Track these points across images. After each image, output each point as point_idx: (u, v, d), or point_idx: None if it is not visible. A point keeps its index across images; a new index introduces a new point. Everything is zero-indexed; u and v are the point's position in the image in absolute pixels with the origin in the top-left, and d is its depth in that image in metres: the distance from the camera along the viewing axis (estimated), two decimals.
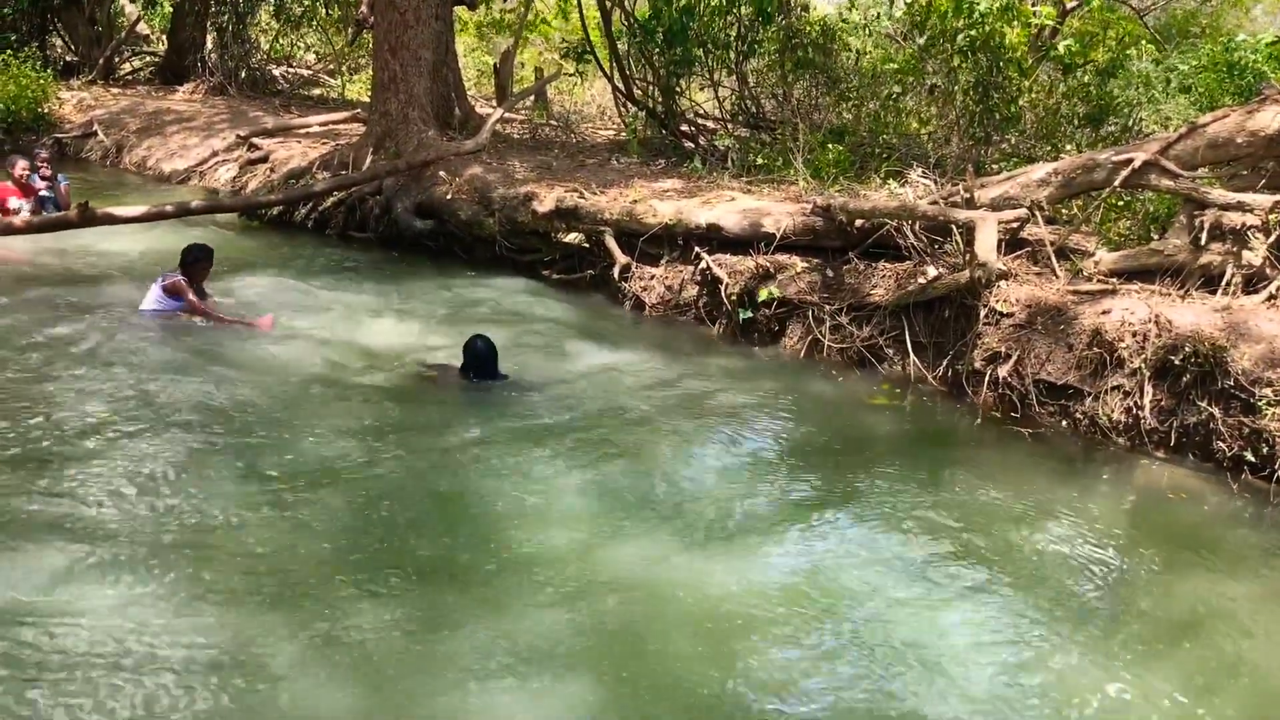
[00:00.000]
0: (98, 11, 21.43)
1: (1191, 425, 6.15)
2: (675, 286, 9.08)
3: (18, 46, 18.79)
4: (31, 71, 17.51)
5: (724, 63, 13.24)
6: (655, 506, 5.23)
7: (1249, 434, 5.87)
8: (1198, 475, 6.02)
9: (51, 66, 19.74)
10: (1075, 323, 6.75)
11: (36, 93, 17.32)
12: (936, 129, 11.37)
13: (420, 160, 10.99)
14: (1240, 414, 5.95)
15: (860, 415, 6.99)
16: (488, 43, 26.61)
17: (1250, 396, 5.88)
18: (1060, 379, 6.66)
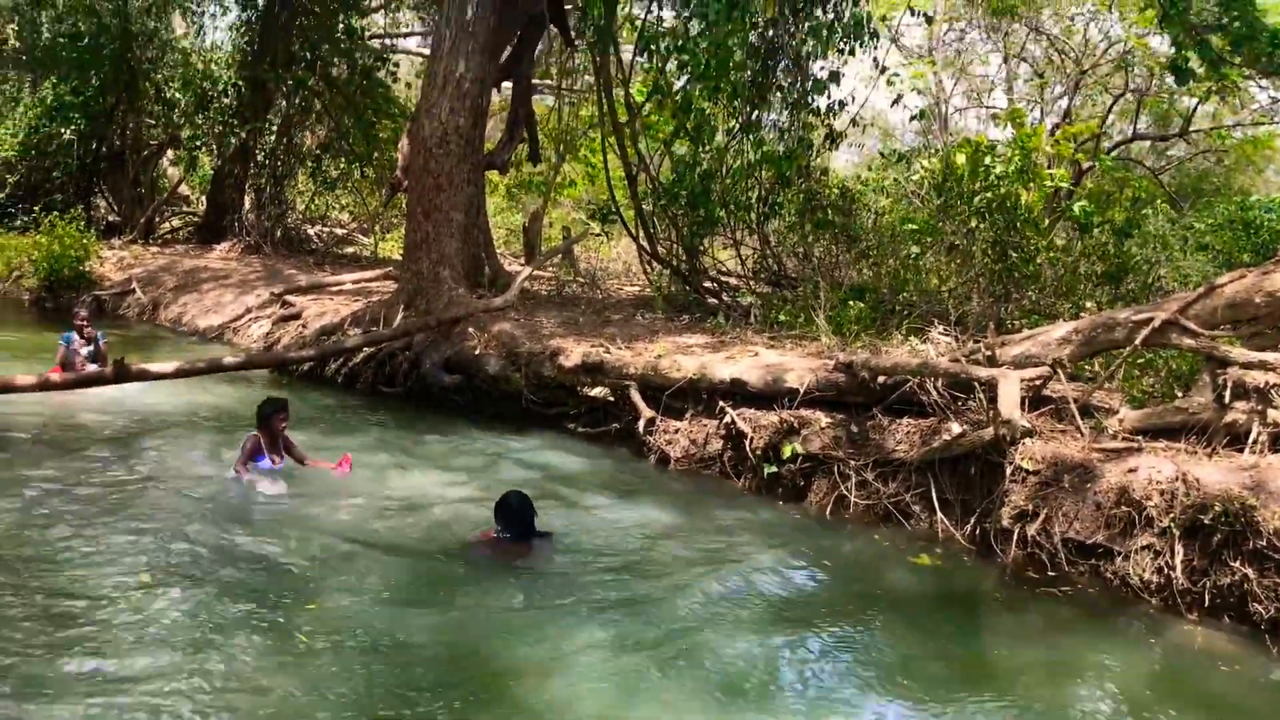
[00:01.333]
0: (141, 173, 22.33)
1: (1225, 586, 6.04)
2: (700, 440, 9.12)
3: (64, 208, 19.54)
4: (75, 231, 18.17)
5: (746, 223, 13.59)
6: (683, 669, 5.14)
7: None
8: (1234, 638, 5.87)
9: (94, 226, 20.50)
10: (1101, 481, 6.71)
11: (79, 251, 17.95)
12: (956, 286, 11.56)
13: (450, 317, 11.23)
14: (1275, 575, 5.84)
15: (887, 574, 6.91)
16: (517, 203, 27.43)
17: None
18: (1089, 538, 6.59)
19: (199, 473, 7.96)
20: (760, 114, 12.68)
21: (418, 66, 26.08)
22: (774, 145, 12.30)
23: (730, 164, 13.06)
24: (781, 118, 12.88)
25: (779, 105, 12.81)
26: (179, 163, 23.11)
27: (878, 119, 28.33)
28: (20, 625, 5.02)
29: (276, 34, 19.90)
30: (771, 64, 12.41)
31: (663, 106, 14.08)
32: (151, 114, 22.10)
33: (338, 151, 21.75)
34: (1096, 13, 24.96)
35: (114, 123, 21.78)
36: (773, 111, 13.14)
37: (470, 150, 12.63)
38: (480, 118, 12.99)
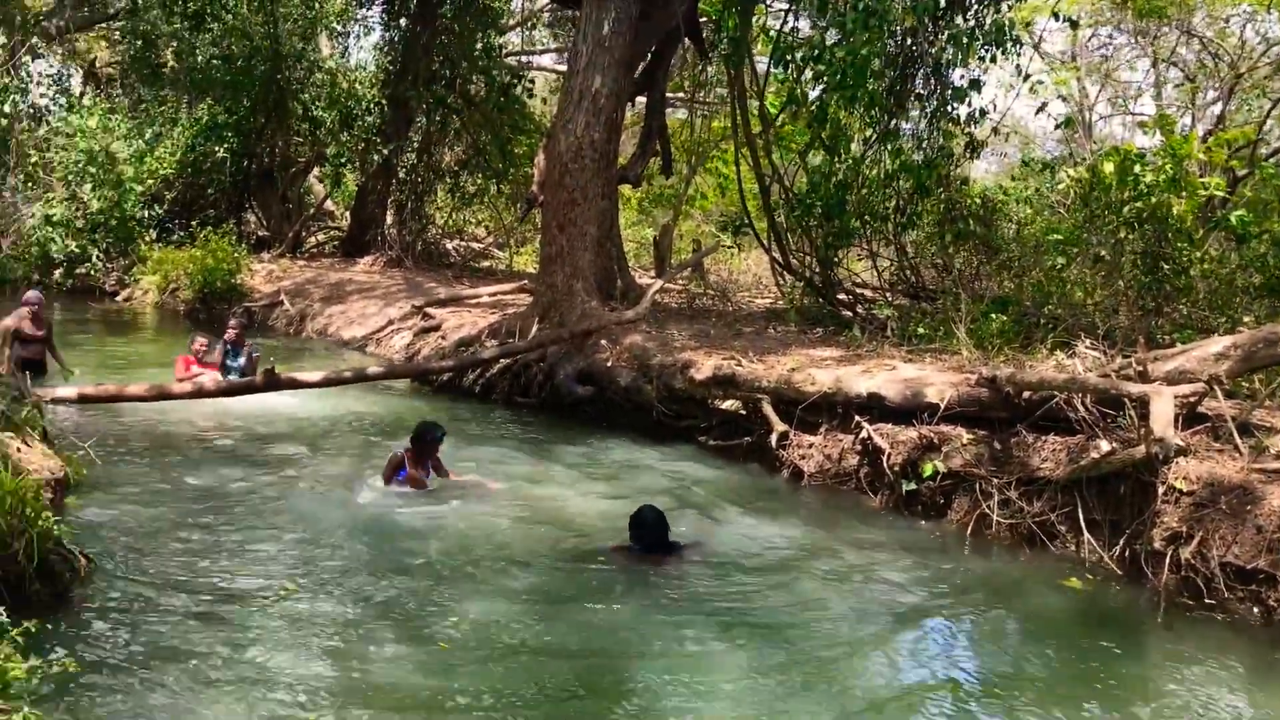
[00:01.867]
0: (290, 190, 23.22)
1: None
2: (834, 455, 8.99)
3: (217, 223, 20.46)
4: (227, 246, 19.00)
5: (882, 234, 13.37)
6: (816, 688, 5.05)
7: None
8: None
9: (245, 241, 21.41)
10: (1263, 503, 6.36)
11: (231, 265, 18.76)
12: (1103, 299, 11.14)
13: (583, 329, 11.35)
14: None
15: (1033, 596, 6.67)
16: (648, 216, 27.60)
17: None
18: (1249, 563, 6.25)
19: (344, 479, 8.20)
20: (898, 123, 12.45)
21: (552, 83, 26.56)
22: (912, 155, 12.07)
23: (867, 174, 12.86)
24: (920, 127, 12.63)
25: (917, 114, 12.56)
26: (325, 179, 23.95)
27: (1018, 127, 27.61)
28: (176, 624, 5.23)
29: (418, 53, 20.45)
30: (910, 72, 12.19)
31: (797, 117, 13.98)
32: (299, 133, 22.96)
33: (475, 167, 22.23)
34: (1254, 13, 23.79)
35: (264, 141, 22.71)
36: (911, 120, 12.91)
37: (604, 164, 12.74)
38: (615, 132, 13.09)
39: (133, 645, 4.94)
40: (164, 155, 21.11)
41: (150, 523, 6.81)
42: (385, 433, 9.95)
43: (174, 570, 6.00)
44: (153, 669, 4.69)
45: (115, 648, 4.89)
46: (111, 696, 4.42)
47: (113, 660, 4.75)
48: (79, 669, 4.43)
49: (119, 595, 5.52)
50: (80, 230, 20.62)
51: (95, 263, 20.61)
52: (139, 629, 5.11)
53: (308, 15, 22.47)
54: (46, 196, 21.03)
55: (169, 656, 4.85)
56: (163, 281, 19.59)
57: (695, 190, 26.12)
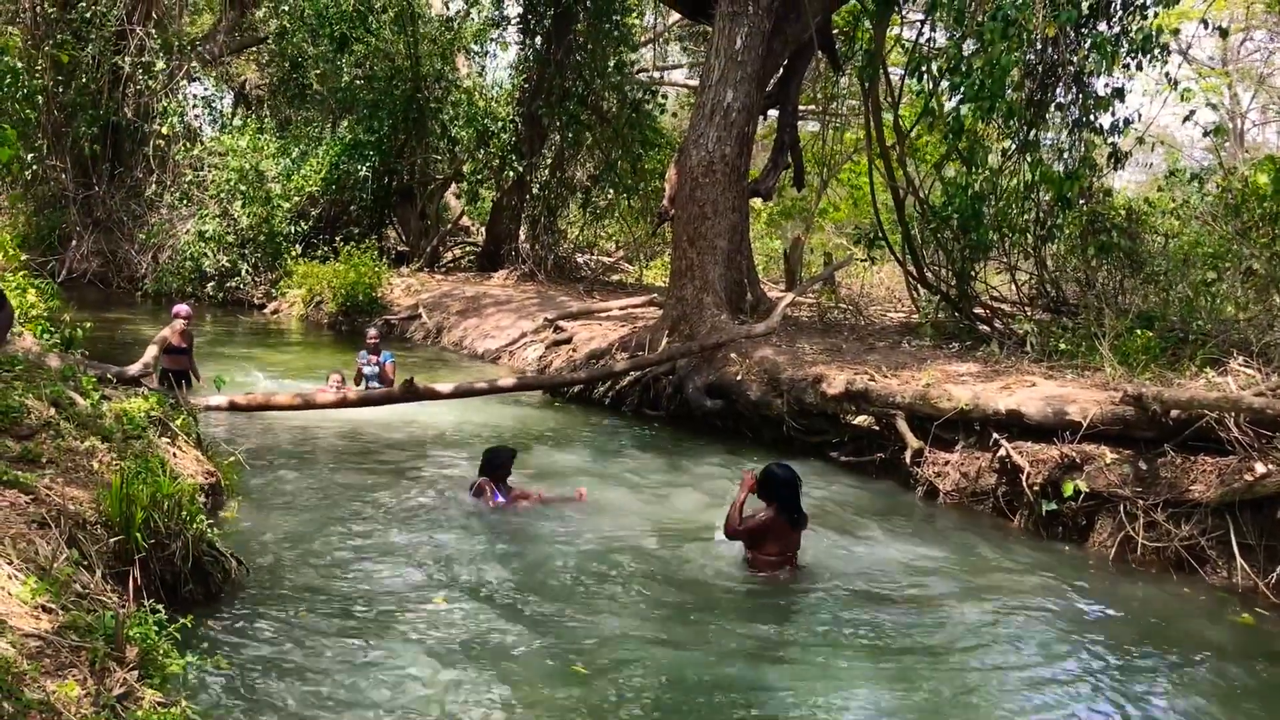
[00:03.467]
0: (428, 206, 23.85)
1: None
2: (971, 474, 8.79)
3: (359, 238, 21.16)
4: (369, 260, 19.63)
5: (1021, 247, 13.02)
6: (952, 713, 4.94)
7: None
8: None
9: (385, 255, 22.08)
10: None
11: (372, 279, 19.37)
12: (1257, 314, 10.61)
13: (712, 343, 11.36)
14: None
15: (1183, 624, 6.40)
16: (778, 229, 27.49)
17: None
18: None
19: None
20: (1038, 134, 12.10)
21: (684, 98, 26.68)
22: (1052, 165, 11.71)
23: (1005, 186, 12.54)
24: (1061, 137, 12.25)
25: (1058, 124, 12.19)
26: (461, 195, 24.53)
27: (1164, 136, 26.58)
28: (321, 626, 5.42)
29: (551, 71, 20.81)
30: (1050, 82, 11.85)
31: (932, 129, 13.72)
32: (437, 150, 23.58)
33: (607, 182, 22.50)
34: None
35: (403, 159, 23.38)
36: (1051, 131, 12.53)
37: (736, 178, 12.74)
38: (746, 146, 13.09)
39: (280, 645, 5.13)
40: (309, 173, 21.93)
41: (298, 527, 7.08)
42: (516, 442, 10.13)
43: (320, 574, 6.23)
44: (298, 669, 4.88)
45: (263, 647, 5.09)
46: (260, 694, 4.61)
47: (261, 659, 4.95)
48: (230, 666, 4.64)
49: (268, 597, 5.75)
50: (231, 245, 21.59)
51: (244, 276, 21.53)
52: (286, 630, 5.31)
53: (446, 36, 23.09)
54: (200, 213, 22.08)
55: (314, 657, 5.03)
56: (307, 295, 20.33)
57: (826, 203, 25.89)
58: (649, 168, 21.90)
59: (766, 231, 27.78)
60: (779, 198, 23.45)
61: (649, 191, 21.68)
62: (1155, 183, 17.06)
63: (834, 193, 26.07)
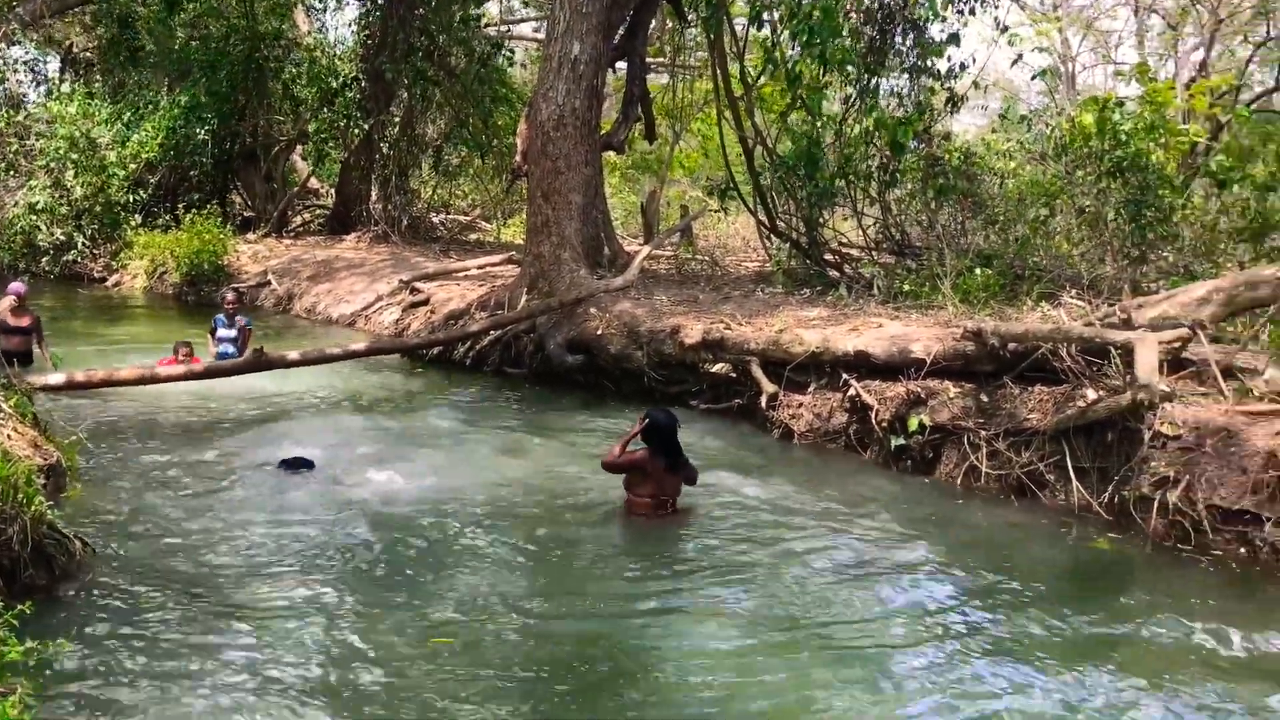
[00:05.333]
0: (274, 169, 23.12)
1: None
2: (824, 414, 9.06)
3: (201, 205, 20.39)
4: (213, 227, 18.95)
5: (866, 193, 13.38)
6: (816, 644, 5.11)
7: None
8: None
9: (230, 222, 21.33)
10: (1248, 445, 6.45)
11: (217, 247, 18.71)
12: (1088, 249, 11.20)
13: (572, 298, 11.37)
14: None
15: (1025, 545, 6.75)
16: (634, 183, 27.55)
17: None
18: (1235, 504, 6.34)
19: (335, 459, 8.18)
20: (877, 80, 12.41)
21: (533, 52, 26.40)
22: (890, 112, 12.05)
23: (849, 133, 12.85)
24: (900, 83, 12.60)
25: (897, 70, 12.52)
26: (307, 157, 23.84)
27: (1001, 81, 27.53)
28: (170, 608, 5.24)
29: (395, 26, 20.32)
30: (888, 29, 12.15)
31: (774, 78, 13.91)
32: (280, 111, 22.83)
33: (458, 140, 22.14)
34: None
35: (245, 121, 22.57)
36: (891, 77, 12.87)
37: (587, 132, 12.71)
38: (596, 99, 13.06)
39: (127, 628, 4.95)
40: (146, 139, 20.96)
41: (146, 506, 6.85)
42: (374, 410, 10.00)
43: (168, 553, 6.04)
44: (146, 652, 4.72)
45: (110, 631, 4.91)
46: (104, 678, 4.46)
47: (107, 643, 4.77)
48: (72, 651, 4.49)
49: (115, 580, 5.55)
50: (65, 217, 20.51)
51: (81, 249, 20.52)
52: (134, 613, 5.13)
53: None
54: (29, 184, 20.89)
55: (162, 638, 4.87)
56: (150, 266, 19.55)
57: (680, 155, 26.04)
58: (501, 124, 21.65)
59: (622, 185, 27.82)
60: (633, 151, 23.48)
61: (502, 148, 21.44)
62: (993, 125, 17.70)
63: (687, 144, 26.22)
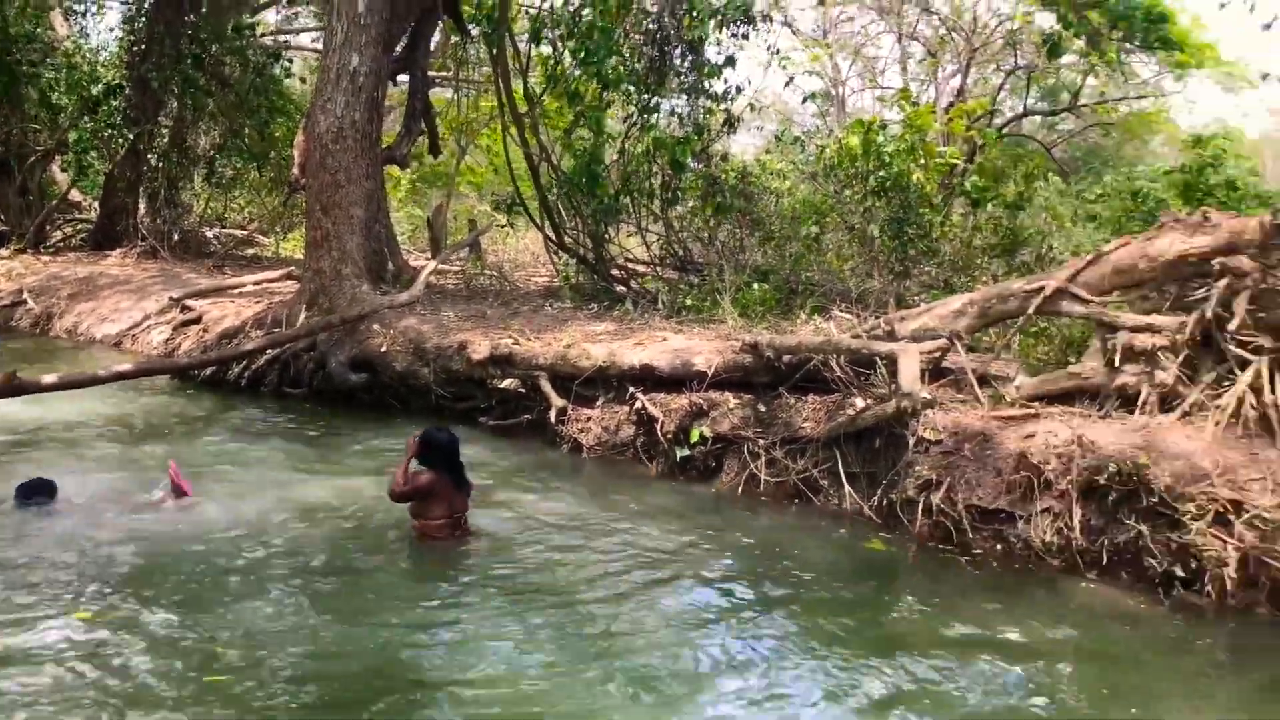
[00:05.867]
0: (29, 181, 21.58)
1: (1122, 544, 6.26)
2: (612, 427, 9.16)
3: None
4: None
5: (650, 210, 13.63)
6: (606, 656, 5.14)
7: (1176, 550, 5.99)
8: (1131, 594, 6.08)
9: None
10: (1001, 447, 6.90)
11: None
12: (857, 265, 11.76)
13: (354, 315, 11.09)
14: (1167, 531, 6.08)
15: (799, 547, 6.99)
16: (422, 197, 27.15)
17: (1174, 513, 6.02)
18: (991, 504, 6.77)
19: (102, 492, 7.70)
20: (657, 99, 12.69)
21: (311, 62, 25.62)
22: (670, 131, 12.35)
23: (631, 150, 13.08)
24: (680, 103, 12.93)
25: (677, 91, 12.84)
26: (67, 168, 22.38)
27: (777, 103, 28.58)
28: None
29: (162, 34, 19.35)
30: (667, 50, 12.44)
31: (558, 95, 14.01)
32: (37, 119, 21.37)
33: (233, 151, 21.26)
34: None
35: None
36: (671, 98, 13.18)
37: (368, 144, 12.45)
38: (377, 111, 12.81)
39: None
40: None
41: None
42: (144, 435, 9.47)
43: None
44: None
45: None
46: None
47: None
48: None
49: None
50: None
51: None
52: None
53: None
54: None
55: None
56: None
57: (467, 169, 25.85)
58: (278, 135, 20.91)
59: (409, 199, 27.37)
60: (420, 165, 23.15)
61: (279, 160, 20.71)
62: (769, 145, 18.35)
63: (475, 159, 26.06)
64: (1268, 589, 5.72)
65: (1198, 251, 7.24)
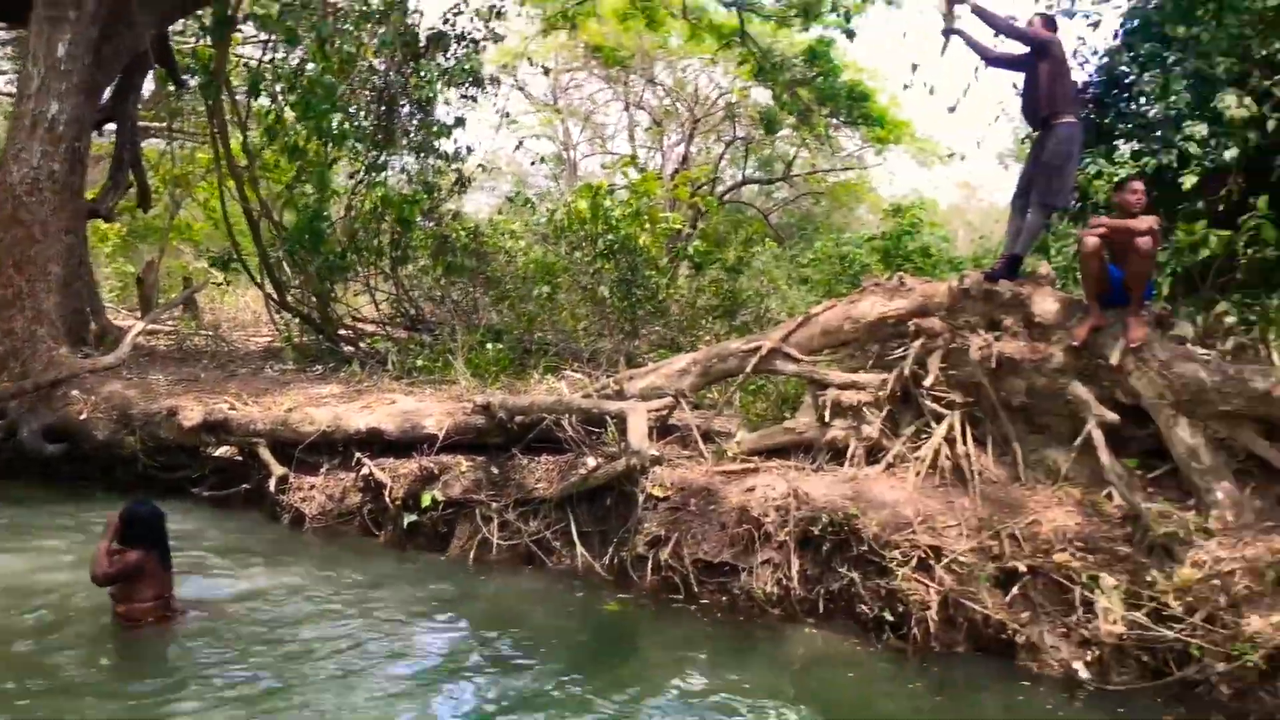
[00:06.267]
0: None
1: (836, 591, 6.57)
2: (337, 495, 8.81)
3: None
4: None
5: (379, 267, 13.37)
6: None
7: (885, 595, 6.35)
8: (846, 638, 6.39)
9: None
10: (724, 502, 7.13)
11: None
12: (589, 325, 11.95)
13: (49, 379, 10.23)
14: (877, 577, 6.43)
15: (534, 610, 6.95)
16: (133, 252, 25.53)
17: (882, 560, 6.39)
18: (717, 557, 6.96)
19: None
20: (386, 157, 12.52)
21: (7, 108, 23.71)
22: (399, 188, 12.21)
23: (359, 207, 12.81)
24: (409, 161, 12.80)
25: (407, 149, 12.72)
26: None
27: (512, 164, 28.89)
28: None
29: None
30: (395, 108, 12.32)
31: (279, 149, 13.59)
32: None
33: None
34: (705, 66, 26.82)
35: None
36: (402, 155, 13.05)
37: (68, 196, 11.57)
38: (79, 162, 11.96)
39: None
40: None
41: None
42: None
43: None
44: None
45: None
46: None
47: None
48: None
49: None
50: None
51: None
52: None
53: None
54: None
55: None
56: None
57: (182, 223, 24.52)
58: None
59: (119, 254, 25.63)
60: (132, 219, 21.77)
61: None
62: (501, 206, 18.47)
63: (191, 213, 24.77)
64: (966, 628, 6.14)
65: (895, 314, 7.82)
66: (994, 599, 6.14)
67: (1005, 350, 7.23)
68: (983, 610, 6.08)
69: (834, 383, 7.71)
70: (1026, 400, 7.18)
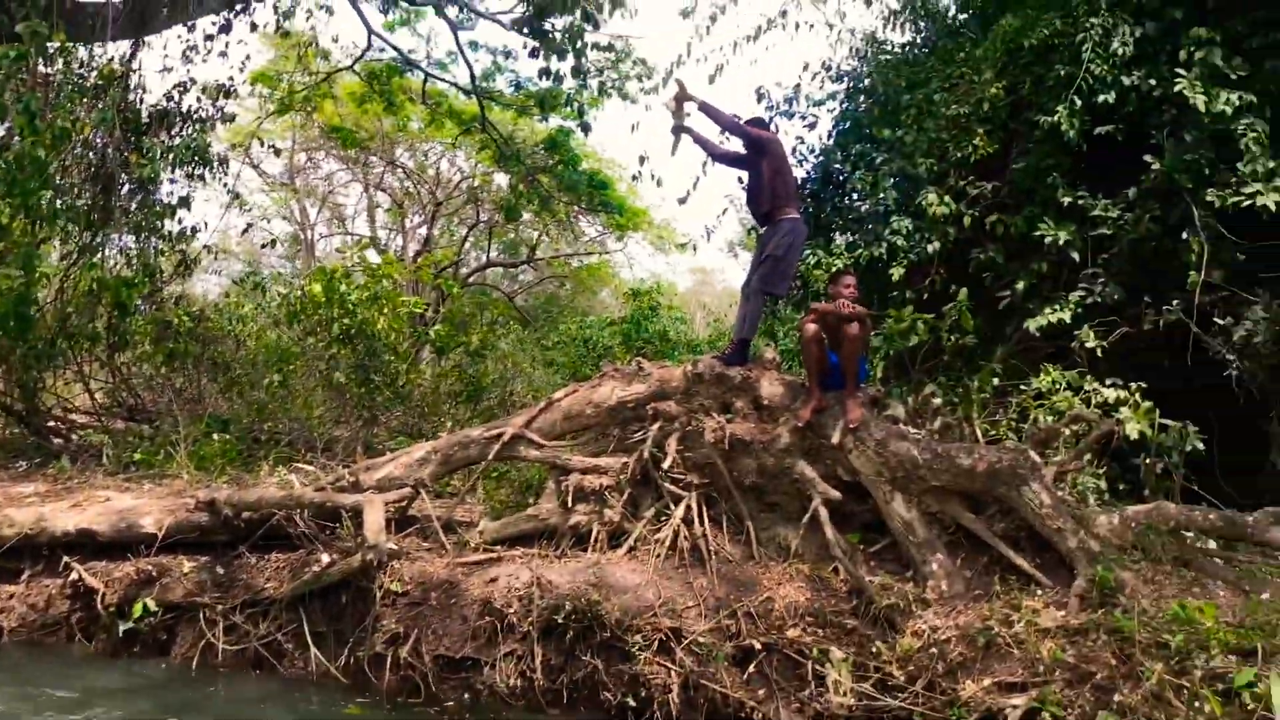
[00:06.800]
0: None
1: (580, 679, 6.52)
2: (41, 604, 8.03)
3: None
4: None
5: (93, 354, 12.47)
6: None
7: (628, 680, 6.36)
8: None
9: None
10: (466, 594, 6.98)
11: None
12: (325, 412, 11.54)
13: None
14: (620, 663, 6.44)
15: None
16: None
17: (625, 644, 6.41)
18: (458, 652, 6.78)
19: None
20: (103, 238, 11.76)
21: None
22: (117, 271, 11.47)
23: (71, 290, 11.93)
24: (129, 242, 12.07)
25: (125, 229, 11.99)
26: None
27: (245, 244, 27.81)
28: None
29: None
30: (115, 186, 11.62)
31: None
32: None
33: None
34: (447, 150, 26.87)
35: None
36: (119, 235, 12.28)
37: None
38: None
39: None
40: None
41: None
42: None
43: None
44: None
45: None
46: None
47: None
48: None
49: None
50: None
51: None
52: None
53: None
54: None
55: None
56: None
57: None
58: None
59: None
60: None
61: None
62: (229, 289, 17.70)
63: None
64: (706, 708, 6.23)
65: (634, 397, 7.98)
66: (732, 678, 6.26)
67: (736, 431, 7.51)
68: (721, 690, 6.19)
69: (576, 468, 7.75)
70: (758, 479, 7.46)
